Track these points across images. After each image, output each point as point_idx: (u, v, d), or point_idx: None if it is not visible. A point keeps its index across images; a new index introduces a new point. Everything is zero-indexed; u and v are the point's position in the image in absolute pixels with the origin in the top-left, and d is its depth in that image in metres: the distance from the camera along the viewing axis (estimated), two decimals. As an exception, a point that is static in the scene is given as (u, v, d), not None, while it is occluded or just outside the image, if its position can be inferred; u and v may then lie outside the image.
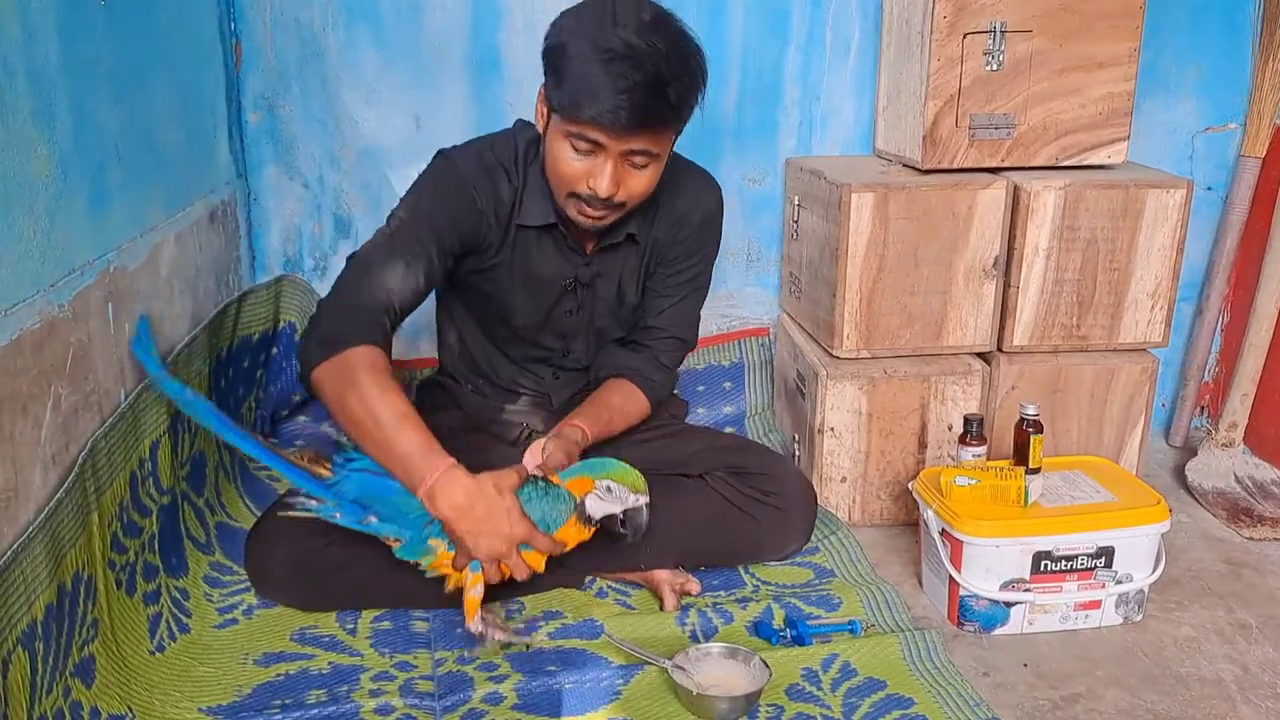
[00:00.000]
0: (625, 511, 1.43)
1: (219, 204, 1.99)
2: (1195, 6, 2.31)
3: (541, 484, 1.48)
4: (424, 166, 1.70)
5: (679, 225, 1.75)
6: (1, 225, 1.17)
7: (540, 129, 1.59)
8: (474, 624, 1.46)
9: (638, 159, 1.52)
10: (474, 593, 1.46)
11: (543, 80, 1.56)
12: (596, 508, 1.44)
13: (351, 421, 1.46)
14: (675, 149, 1.67)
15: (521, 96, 2.21)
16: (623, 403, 1.77)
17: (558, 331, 1.81)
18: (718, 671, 1.52)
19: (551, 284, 1.74)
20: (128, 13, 1.54)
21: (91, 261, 1.40)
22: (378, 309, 1.54)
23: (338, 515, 1.51)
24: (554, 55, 1.50)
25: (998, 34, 1.96)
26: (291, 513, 1.54)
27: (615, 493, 1.43)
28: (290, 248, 2.28)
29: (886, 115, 2.21)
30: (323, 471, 1.52)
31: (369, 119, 2.21)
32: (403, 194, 1.69)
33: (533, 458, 1.61)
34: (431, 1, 2.15)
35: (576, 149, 1.51)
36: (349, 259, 1.63)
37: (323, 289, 2.25)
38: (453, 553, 1.45)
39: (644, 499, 1.44)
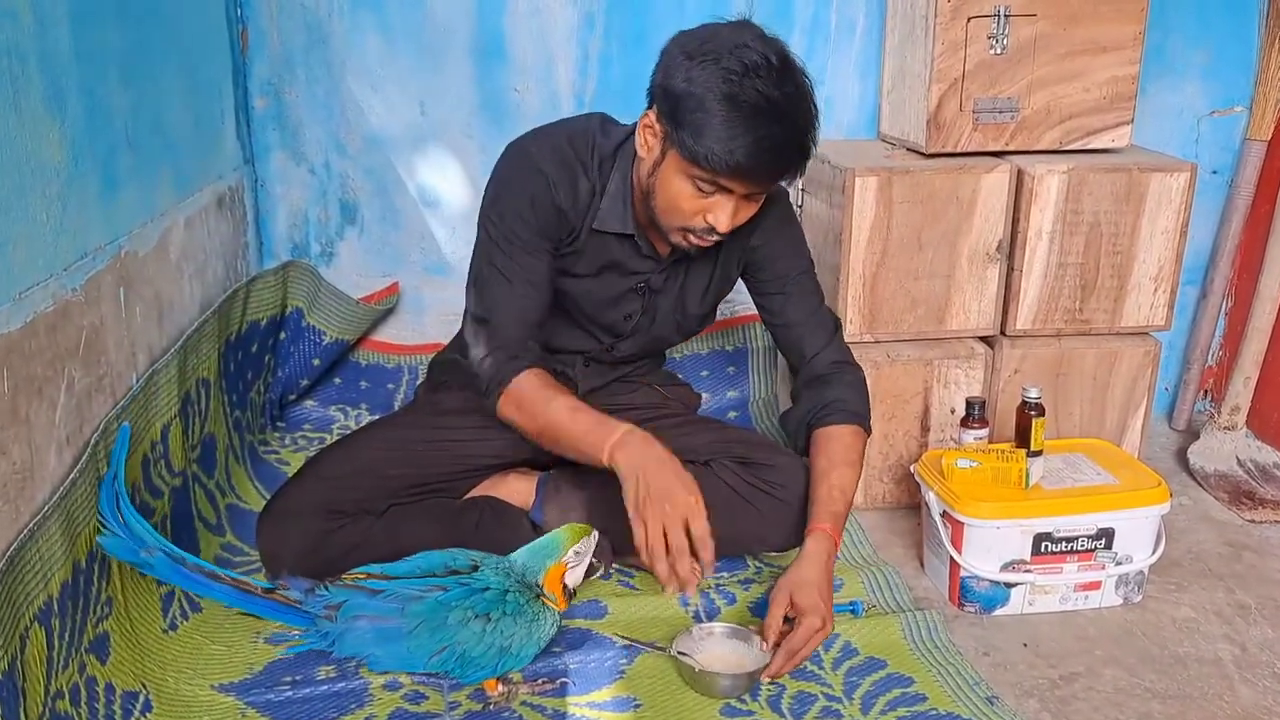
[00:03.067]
0: (591, 558, 1.49)
1: (227, 190, 2.01)
2: (1202, -10, 2.31)
3: (522, 601, 1.44)
4: (429, 152, 1.71)
5: (752, 222, 1.63)
6: (16, 209, 1.19)
7: (649, 159, 1.54)
8: (495, 691, 1.47)
9: (756, 194, 1.52)
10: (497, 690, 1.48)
11: (651, 111, 1.51)
12: (575, 576, 1.49)
13: (540, 437, 1.59)
14: None
15: (526, 81, 2.22)
16: (832, 468, 1.66)
17: (613, 330, 1.79)
18: (720, 650, 1.53)
19: (621, 283, 1.72)
20: (136, -1, 1.56)
21: (103, 246, 1.42)
22: (518, 340, 1.61)
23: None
24: (681, 101, 1.44)
25: (1001, 18, 1.96)
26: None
27: (582, 553, 1.48)
28: (297, 233, 2.29)
29: (891, 99, 2.21)
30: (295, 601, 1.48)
31: (374, 105, 2.21)
32: (483, 188, 1.66)
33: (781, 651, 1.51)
34: (436, -13, 2.16)
35: (700, 189, 1.49)
36: (468, 291, 1.66)
37: (329, 274, 2.28)
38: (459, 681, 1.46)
39: (595, 534, 1.50)
